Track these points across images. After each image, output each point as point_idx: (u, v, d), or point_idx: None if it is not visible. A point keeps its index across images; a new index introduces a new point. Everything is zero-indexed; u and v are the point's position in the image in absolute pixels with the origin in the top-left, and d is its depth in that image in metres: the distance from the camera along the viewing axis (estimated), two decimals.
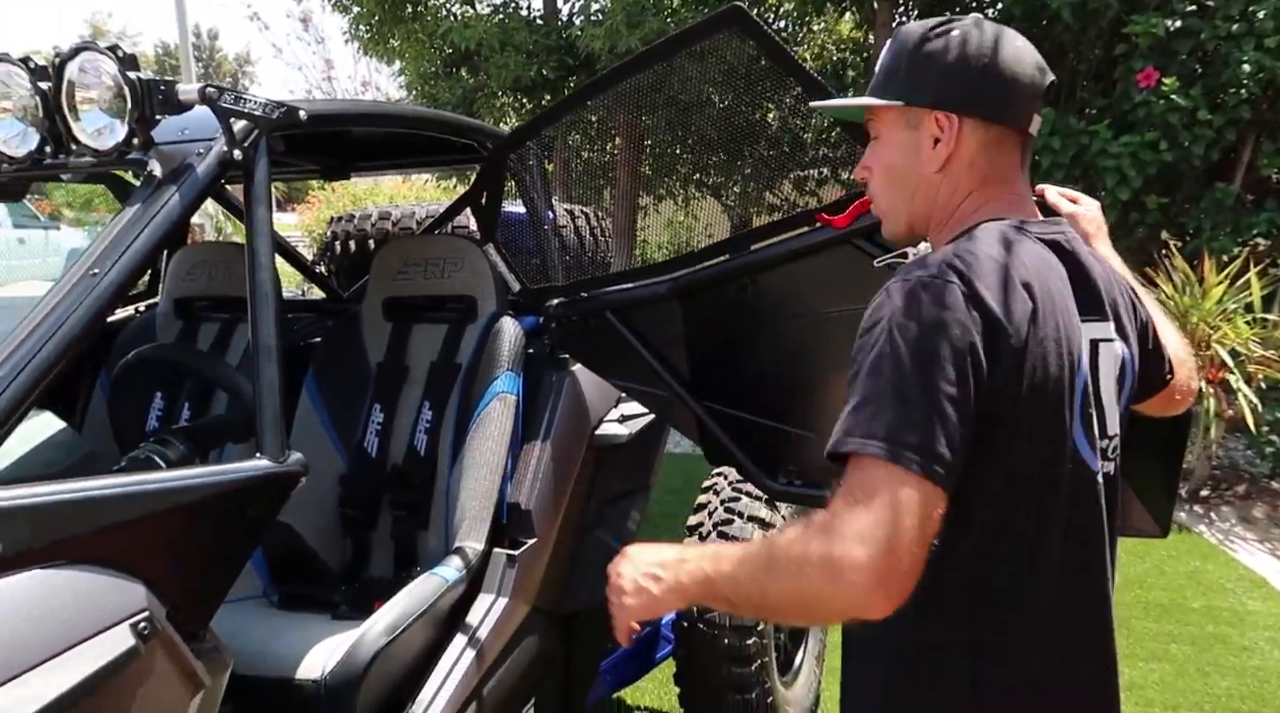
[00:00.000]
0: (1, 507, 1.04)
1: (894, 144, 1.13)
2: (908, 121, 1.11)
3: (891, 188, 1.15)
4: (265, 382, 1.36)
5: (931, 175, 1.11)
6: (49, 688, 1.01)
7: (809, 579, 0.91)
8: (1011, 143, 1.11)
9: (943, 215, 1.12)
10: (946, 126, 1.09)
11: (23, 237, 12.34)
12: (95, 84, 1.34)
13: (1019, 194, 1.13)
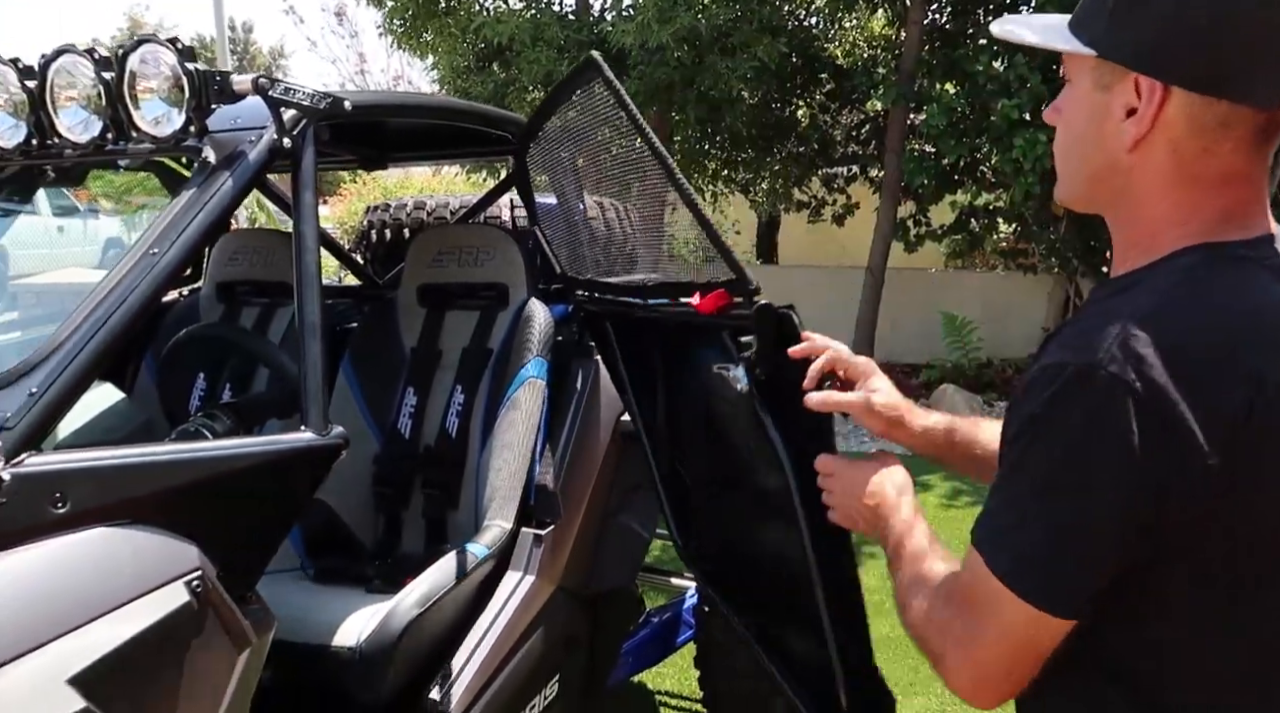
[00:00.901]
0: (71, 468, 1.12)
1: (1079, 101, 0.86)
2: (1100, 77, 0.83)
3: (1068, 153, 0.89)
4: (310, 359, 1.43)
5: (1120, 157, 0.82)
6: (111, 638, 1.08)
7: (920, 644, 0.91)
8: (1245, 129, 0.79)
9: (1131, 212, 0.85)
10: (1145, 96, 0.79)
11: (62, 225, 12.59)
12: (155, 74, 1.41)
13: (1245, 201, 0.81)
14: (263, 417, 1.72)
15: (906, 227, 7.81)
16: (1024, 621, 0.79)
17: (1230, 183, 0.81)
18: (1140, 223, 0.84)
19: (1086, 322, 0.80)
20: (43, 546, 1.08)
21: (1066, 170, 0.90)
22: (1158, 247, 0.82)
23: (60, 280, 6.21)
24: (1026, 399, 0.80)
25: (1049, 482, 0.78)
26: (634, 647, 2.52)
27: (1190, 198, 0.81)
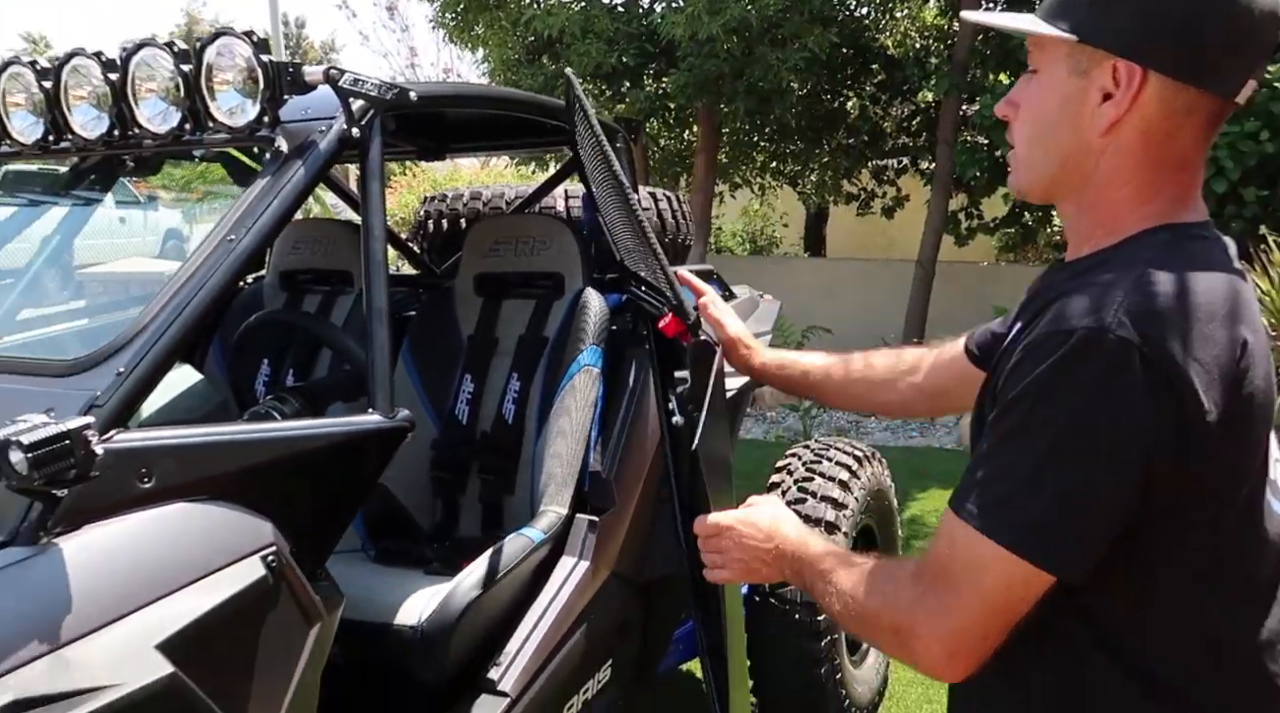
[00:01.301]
0: (156, 445, 1.16)
1: (1052, 88, 0.89)
2: (1077, 63, 0.86)
3: (1037, 141, 0.92)
4: (376, 344, 1.46)
5: (1092, 140, 0.87)
6: (192, 608, 1.13)
7: (881, 635, 0.93)
8: (1206, 116, 0.85)
9: (1096, 196, 0.89)
10: (1124, 81, 0.83)
11: (123, 216, 12.96)
12: (231, 66, 1.45)
13: (1192, 184, 0.88)
14: (329, 400, 1.77)
15: (958, 219, 7.69)
16: (1012, 583, 0.82)
17: (1184, 167, 0.87)
18: (1105, 205, 0.89)
19: (1080, 293, 0.82)
20: (131, 518, 1.12)
21: (1033, 157, 0.93)
22: (1121, 227, 0.88)
23: (123, 269, 6.40)
24: (1024, 366, 0.81)
25: (1056, 446, 0.79)
26: (685, 635, 2.54)
27: (1153, 180, 0.87)
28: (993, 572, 0.82)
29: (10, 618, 0.97)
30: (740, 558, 1.10)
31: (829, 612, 0.98)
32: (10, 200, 1.89)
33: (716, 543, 1.13)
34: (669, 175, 8.98)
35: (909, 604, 0.88)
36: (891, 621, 0.90)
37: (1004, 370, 0.86)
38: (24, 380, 1.26)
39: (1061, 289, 0.86)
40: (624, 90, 7.43)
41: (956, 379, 1.28)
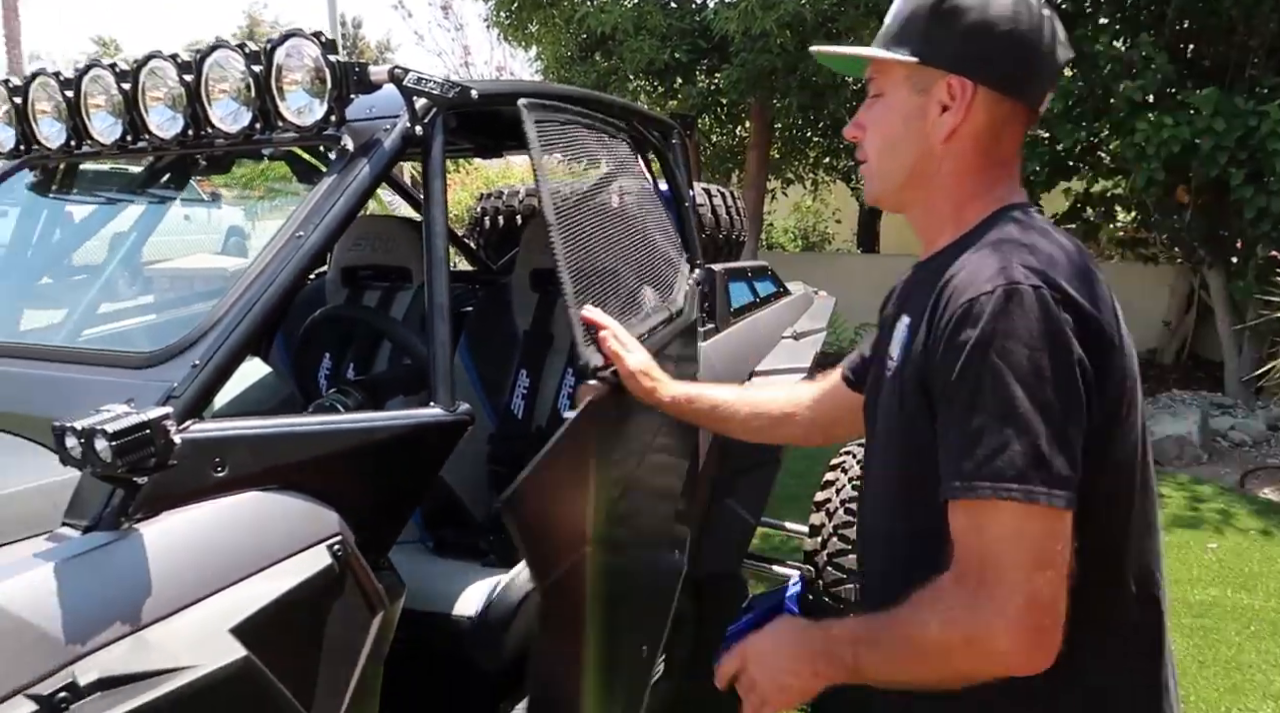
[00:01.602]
0: (229, 436, 1.20)
1: (897, 106, 1.04)
2: (916, 83, 1.03)
3: (887, 153, 1.06)
4: (438, 338, 1.49)
5: (935, 146, 1.02)
6: (263, 594, 1.16)
7: (958, 659, 0.88)
8: (1020, 122, 1.04)
9: (942, 194, 1.05)
10: (959, 94, 1.00)
11: (188, 213, 13.34)
12: (299, 67, 1.49)
13: (1015, 176, 1.06)
14: (390, 394, 1.80)
15: None
16: (1048, 533, 0.86)
17: (1008, 164, 1.05)
18: (950, 202, 1.05)
19: (970, 267, 0.93)
20: (206, 506, 1.16)
21: (885, 168, 1.07)
22: (967, 218, 1.04)
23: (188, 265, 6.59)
24: (956, 335, 0.90)
25: (1015, 396, 0.86)
26: (737, 631, 2.54)
27: (988, 177, 1.04)
28: (1026, 532, 0.86)
29: (95, 600, 1.01)
30: (773, 681, 1.02)
31: (896, 673, 0.94)
32: (88, 199, 1.96)
33: (745, 682, 1.06)
34: (721, 171, 8.95)
35: (967, 610, 0.87)
36: (961, 635, 0.88)
37: (927, 354, 0.94)
38: (105, 372, 1.30)
39: (942, 275, 0.97)
40: (676, 87, 7.43)
41: (843, 408, 1.37)
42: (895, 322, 1.07)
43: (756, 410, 1.48)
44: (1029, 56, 1.01)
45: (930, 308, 0.96)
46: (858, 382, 1.32)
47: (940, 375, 0.92)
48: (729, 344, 2.43)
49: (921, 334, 0.97)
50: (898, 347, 1.04)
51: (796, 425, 1.45)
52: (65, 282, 1.94)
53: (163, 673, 1.00)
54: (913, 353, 0.99)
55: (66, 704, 0.94)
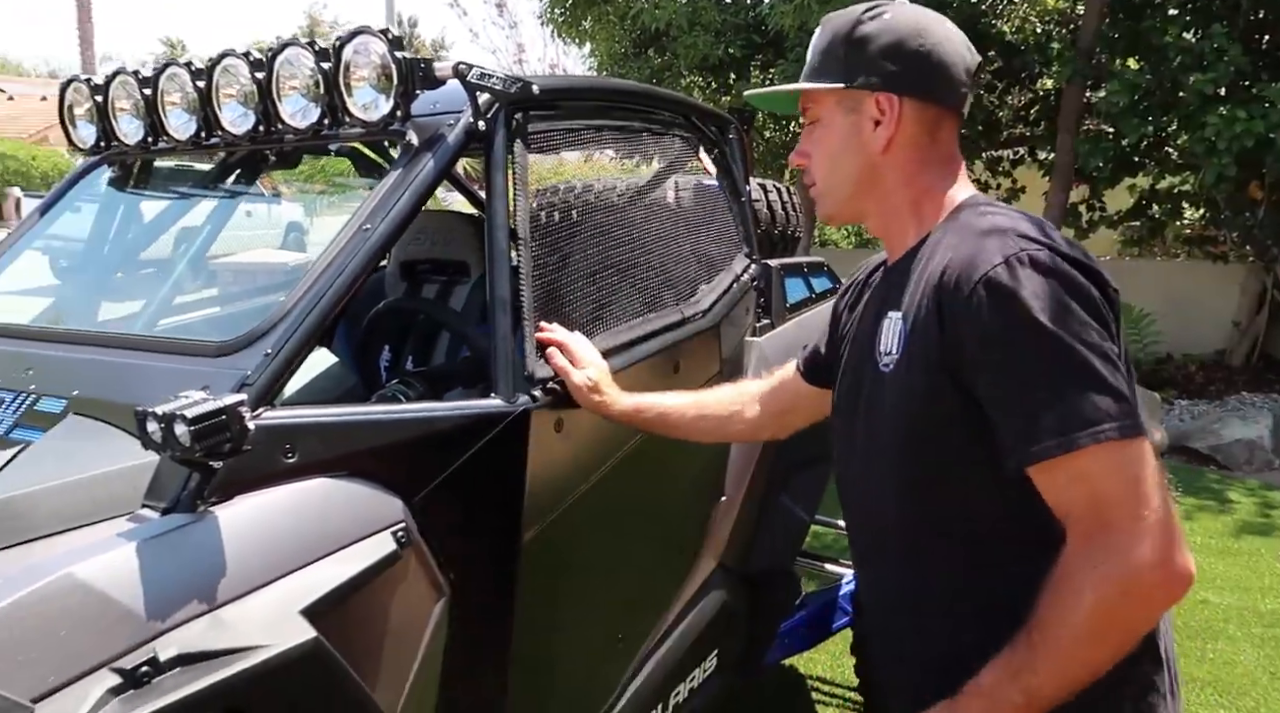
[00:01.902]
0: (300, 423, 1.23)
1: (834, 129, 1.15)
2: (847, 106, 1.13)
3: (833, 172, 1.16)
4: (499, 331, 1.50)
5: (876, 157, 1.12)
6: (331, 577, 1.19)
7: (1121, 613, 0.91)
8: (950, 123, 1.14)
9: (895, 198, 1.14)
10: (887, 108, 1.11)
11: (250, 209, 13.67)
12: (366, 63, 1.51)
13: (960, 170, 1.15)
14: (451, 385, 1.83)
15: (1078, 212, 7.35)
16: (1144, 461, 0.91)
17: (950, 161, 1.14)
18: (905, 205, 1.14)
19: (968, 249, 1.00)
20: (277, 490, 1.19)
21: (832, 185, 1.17)
22: (925, 215, 1.13)
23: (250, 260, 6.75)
24: (983, 313, 0.95)
25: (1071, 347, 0.92)
26: (790, 629, 2.53)
27: (932, 174, 1.13)
28: (1131, 465, 0.91)
29: (173, 579, 1.05)
30: None
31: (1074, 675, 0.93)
32: (162, 194, 2.02)
33: None
34: (774, 167, 8.89)
35: (1109, 561, 0.90)
36: (1117, 589, 0.90)
37: (946, 342, 0.99)
38: (182, 360, 1.35)
39: (923, 270, 1.05)
40: (730, 82, 7.39)
41: (798, 397, 1.48)
42: (877, 321, 1.14)
43: (703, 412, 1.56)
44: (939, 64, 1.10)
45: (933, 299, 1.01)
46: (810, 374, 1.45)
47: (976, 355, 0.97)
48: (784, 340, 2.41)
49: (929, 325, 1.01)
50: (893, 343, 1.09)
51: (744, 421, 1.54)
52: (140, 274, 2.00)
53: (237, 651, 1.04)
54: (918, 345, 1.03)
55: (148, 678, 0.98)
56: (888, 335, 1.10)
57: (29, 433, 1.33)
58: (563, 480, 1.58)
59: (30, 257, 1.89)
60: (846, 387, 1.22)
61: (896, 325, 1.09)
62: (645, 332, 1.82)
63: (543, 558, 1.54)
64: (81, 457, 1.22)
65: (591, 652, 1.79)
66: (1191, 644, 3.27)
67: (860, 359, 1.18)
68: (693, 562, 2.05)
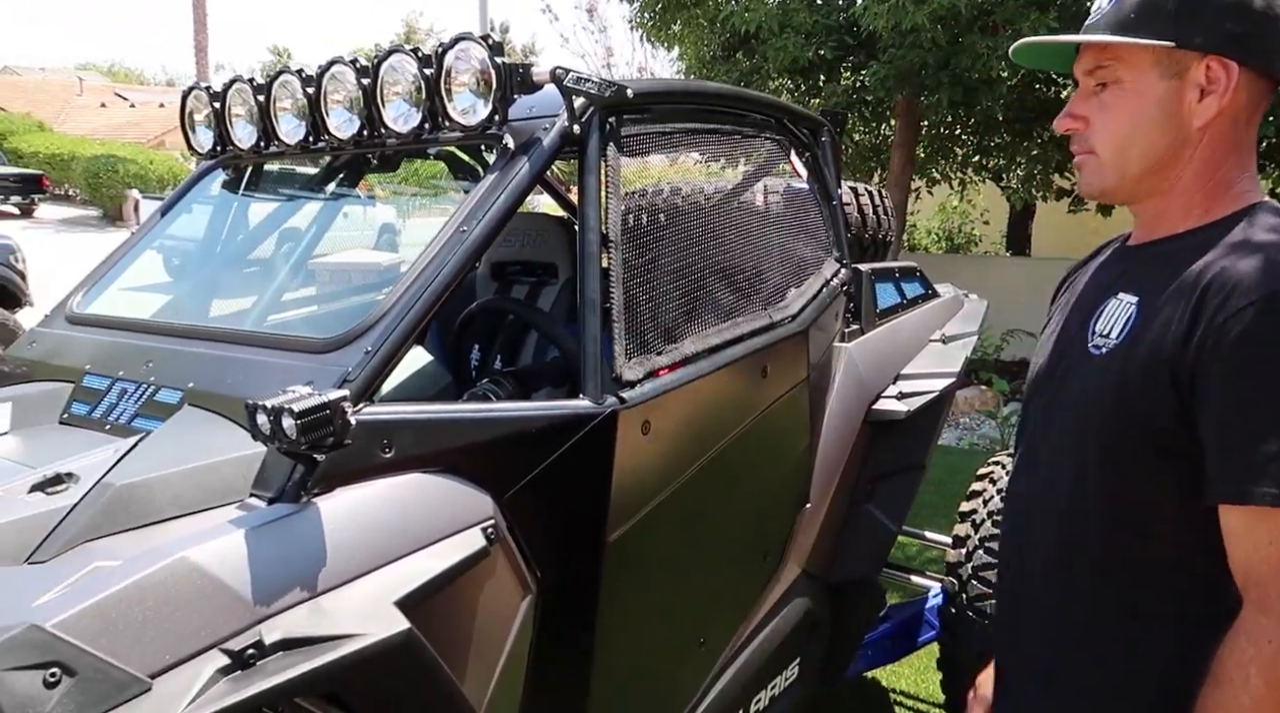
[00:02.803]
0: (397, 419, 1.27)
1: (1144, 93, 0.97)
2: (1167, 68, 0.96)
3: (1130, 144, 0.99)
4: (588, 333, 1.52)
5: (1191, 132, 0.97)
6: (424, 570, 1.22)
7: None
8: (1266, 103, 0.99)
9: (1193, 182, 0.99)
10: (1222, 77, 0.94)
11: (347, 211, 14.15)
12: (467, 69, 1.55)
13: (1254, 162, 1.02)
14: (539, 385, 1.86)
15: None
16: None
17: (1251, 148, 1.00)
18: (1202, 189, 0.99)
19: (1242, 263, 0.90)
20: (375, 484, 1.23)
21: (1124, 159, 1.00)
22: (1216, 208, 0.99)
23: (346, 260, 6.98)
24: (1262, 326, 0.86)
25: None
26: (873, 641, 2.48)
27: (1237, 160, 0.99)
28: None
29: (279, 566, 1.09)
30: None
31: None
32: (270, 197, 2.11)
33: None
34: (863, 170, 8.74)
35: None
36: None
37: (1185, 344, 0.90)
38: (288, 355, 1.40)
39: (1188, 263, 0.95)
40: (820, 84, 7.30)
41: None
42: (1100, 297, 1.03)
43: None
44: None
45: (1192, 296, 0.92)
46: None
47: (1224, 369, 0.88)
48: (874, 345, 2.37)
49: (1174, 319, 0.92)
50: (1116, 327, 0.99)
51: None
52: (250, 272, 2.10)
53: (336, 638, 1.08)
54: (1151, 337, 0.94)
55: (254, 660, 1.02)
56: (1110, 317, 1.00)
57: (149, 422, 1.40)
58: (648, 482, 1.59)
59: (150, 256, 2.00)
60: (1047, 362, 1.11)
61: (1126, 309, 0.99)
62: (733, 336, 1.81)
63: (627, 559, 1.55)
64: (195, 446, 1.28)
65: (673, 654, 1.79)
66: None
67: (1068, 338, 1.08)
68: (776, 568, 2.04)
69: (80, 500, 1.20)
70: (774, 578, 2.03)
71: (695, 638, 1.83)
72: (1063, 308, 1.15)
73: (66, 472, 1.28)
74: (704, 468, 1.70)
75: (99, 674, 0.93)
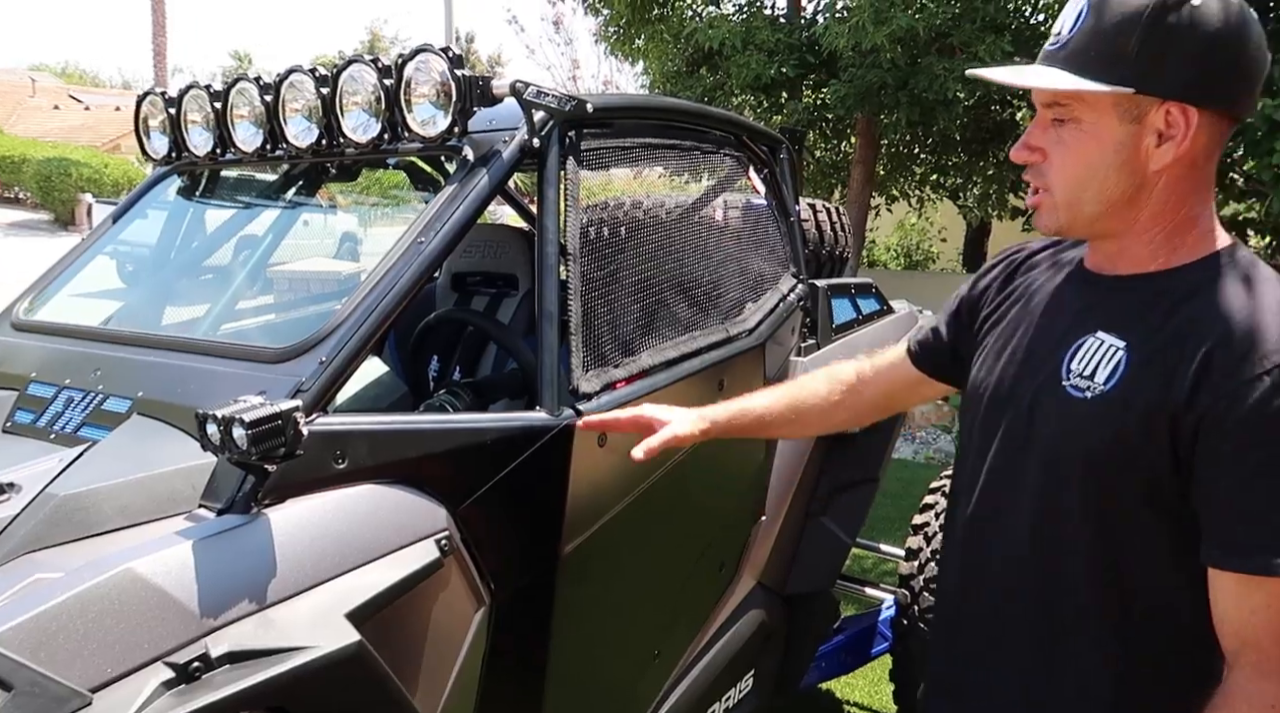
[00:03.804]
0: (351, 429, 1.26)
1: (1100, 136, 0.95)
2: (1126, 111, 0.94)
3: (1086, 184, 0.98)
4: (546, 344, 1.52)
5: (1148, 176, 0.95)
6: (376, 582, 1.21)
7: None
8: (1226, 136, 0.97)
9: (1153, 223, 0.98)
10: (1181, 123, 0.93)
11: (307, 219, 14.03)
12: (427, 80, 1.55)
13: (1213, 199, 1.01)
14: (497, 396, 1.86)
15: None
16: None
17: (1210, 183, 0.99)
18: (1164, 230, 0.98)
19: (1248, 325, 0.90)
20: (328, 495, 1.22)
21: (1080, 199, 0.99)
22: (1181, 246, 0.98)
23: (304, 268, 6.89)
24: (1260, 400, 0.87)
25: None
26: (828, 652, 2.50)
27: (1198, 199, 0.98)
28: None
29: (227, 578, 1.08)
30: None
31: None
32: (226, 204, 2.09)
33: None
34: (823, 187, 8.86)
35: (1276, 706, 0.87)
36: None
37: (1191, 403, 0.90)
38: (241, 365, 1.39)
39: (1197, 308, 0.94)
40: (782, 101, 7.40)
41: (903, 383, 1.35)
42: (1075, 332, 1.01)
43: (798, 408, 1.41)
44: (1247, 69, 0.94)
45: (1196, 353, 0.91)
46: (924, 359, 1.30)
47: (1232, 433, 0.88)
48: (830, 360, 2.40)
49: (1177, 375, 0.91)
50: (1101, 369, 0.97)
51: (844, 410, 1.40)
52: (204, 280, 2.07)
53: (285, 651, 1.07)
54: (1147, 388, 0.93)
55: (199, 674, 1.01)
56: (1091, 357, 0.98)
57: (96, 431, 1.38)
58: (604, 494, 1.59)
59: (102, 262, 1.97)
60: (1005, 387, 1.08)
61: (1112, 352, 0.97)
62: (691, 349, 1.83)
63: (582, 571, 1.55)
64: (143, 456, 1.27)
65: (628, 666, 1.79)
66: None
67: (1034, 364, 1.05)
68: (731, 580, 2.05)
69: (22, 511, 1.18)
70: (729, 590, 2.05)
71: (650, 650, 1.83)
72: (1021, 321, 1.11)
73: (8, 482, 1.25)
74: (660, 481, 1.71)
75: (36, 688, 0.91)
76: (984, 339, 1.16)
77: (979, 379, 1.13)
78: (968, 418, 1.16)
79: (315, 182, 2.04)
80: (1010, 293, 1.16)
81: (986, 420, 1.10)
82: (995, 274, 1.21)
